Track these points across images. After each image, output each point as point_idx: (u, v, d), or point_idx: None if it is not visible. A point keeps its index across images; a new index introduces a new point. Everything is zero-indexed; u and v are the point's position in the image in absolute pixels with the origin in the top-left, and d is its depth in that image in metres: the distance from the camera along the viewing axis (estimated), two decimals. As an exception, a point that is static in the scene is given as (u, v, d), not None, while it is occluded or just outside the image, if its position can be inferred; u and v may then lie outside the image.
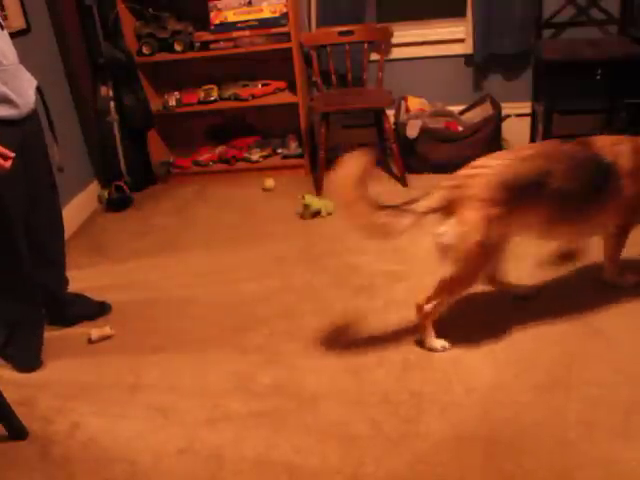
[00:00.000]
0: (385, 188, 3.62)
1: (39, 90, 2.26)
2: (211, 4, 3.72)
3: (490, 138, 3.67)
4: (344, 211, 2.06)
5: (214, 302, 2.73)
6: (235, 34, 3.72)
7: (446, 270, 2.12)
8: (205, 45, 3.79)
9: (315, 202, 3.36)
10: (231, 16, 3.71)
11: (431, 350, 2.26)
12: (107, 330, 2.57)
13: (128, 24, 3.80)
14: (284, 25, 3.67)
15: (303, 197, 3.34)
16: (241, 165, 4.03)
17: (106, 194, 3.80)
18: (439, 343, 2.26)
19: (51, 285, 2.56)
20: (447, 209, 2.08)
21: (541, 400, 2.00)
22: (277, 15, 3.67)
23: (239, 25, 3.71)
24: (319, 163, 3.63)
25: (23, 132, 2.17)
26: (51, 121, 2.39)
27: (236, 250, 3.16)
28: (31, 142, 2.25)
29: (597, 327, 2.29)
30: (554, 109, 3.38)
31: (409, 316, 2.47)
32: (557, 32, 3.70)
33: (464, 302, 2.51)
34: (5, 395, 2.05)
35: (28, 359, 2.44)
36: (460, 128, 3.72)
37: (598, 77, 3.21)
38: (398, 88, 3.86)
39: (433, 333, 2.26)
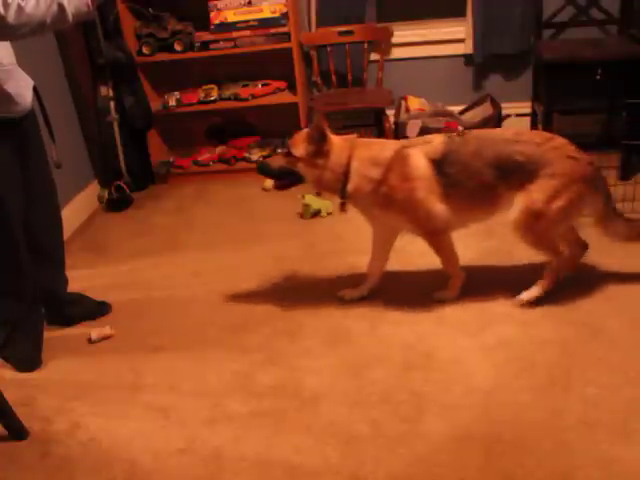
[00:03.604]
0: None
1: (35, 90, 2.27)
2: (211, 4, 3.72)
3: (490, 138, 3.67)
4: None
5: (214, 302, 2.73)
6: (235, 34, 3.73)
7: None
8: (205, 45, 3.79)
9: (315, 202, 3.36)
10: (231, 16, 3.71)
11: None
12: (107, 330, 2.57)
13: (128, 24, 3.80)
14: (284, 25, 3.67)
15: (303, 197, 3.34)
16: (241, 165, 4.03)
17: (106, 194, 3.80)
18: None
19: (50, 284, 2.56)
20: None
21: (541, 400, 2.00)
22: (277, 15, 3.67)
23: (239, 25, 3.71)
24: (319, 163, 3.62)
25: (21, 130, 2.20)
26: (48, 120, 2.40)
27: (236, 250, 3.15)
28: (29, 140, 2.27)
29: (597, 327, 2.29)
30: (554, 109, 3.38)
31: (409, 316, 2.48)
32: (557, 32, 3.70)
33: (462, 302, 2.52)
34: (5, 395, 2.05)
35: (28, 359, 2.44)
36: (460, 128, 3.71)
37: (598, 77, 3.20)
38: (398, 88, 3.86)
39: None
